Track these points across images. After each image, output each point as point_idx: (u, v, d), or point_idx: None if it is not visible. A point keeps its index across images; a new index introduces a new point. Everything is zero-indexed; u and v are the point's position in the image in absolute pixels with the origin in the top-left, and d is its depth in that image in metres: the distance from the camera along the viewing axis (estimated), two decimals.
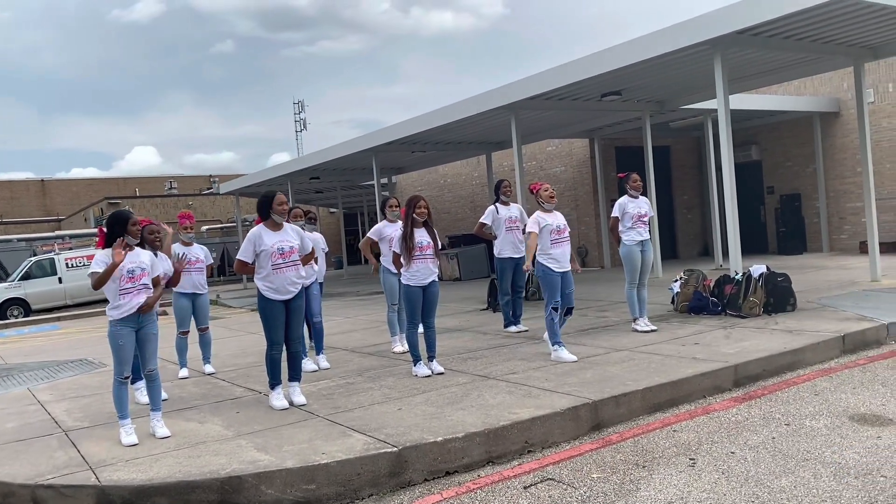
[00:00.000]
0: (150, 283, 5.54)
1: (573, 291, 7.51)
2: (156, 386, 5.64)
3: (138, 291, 5.45)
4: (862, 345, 7.32)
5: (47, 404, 7.17)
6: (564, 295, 7.34)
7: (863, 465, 4.20)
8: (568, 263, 7.36)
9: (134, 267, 5.47)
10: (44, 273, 22.78)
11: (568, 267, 7.36)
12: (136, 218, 5.60)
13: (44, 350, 12.43)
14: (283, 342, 6.18)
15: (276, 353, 6.15)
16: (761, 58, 11.34)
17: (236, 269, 6.23)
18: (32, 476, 4.76)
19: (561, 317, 7.35)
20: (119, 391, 5.47)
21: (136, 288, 5.44)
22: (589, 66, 11.22)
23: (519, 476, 4.53)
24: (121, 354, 5.42)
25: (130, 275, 5.42)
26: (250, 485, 4.39)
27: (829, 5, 8.47)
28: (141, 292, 5.47)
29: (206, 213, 39.29)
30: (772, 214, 19.08)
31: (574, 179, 19.85)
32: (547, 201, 7.54)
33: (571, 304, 7.48)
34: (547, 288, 7.34)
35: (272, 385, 6.17)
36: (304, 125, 51.22)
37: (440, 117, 14.73)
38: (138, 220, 5.64)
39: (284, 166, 22.16)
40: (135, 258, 5.51)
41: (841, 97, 17.42)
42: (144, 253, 5.68)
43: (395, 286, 8.14)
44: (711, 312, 9.17)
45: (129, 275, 5.42)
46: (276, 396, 6.12)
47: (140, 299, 5.44)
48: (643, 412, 5.63)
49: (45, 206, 47.70)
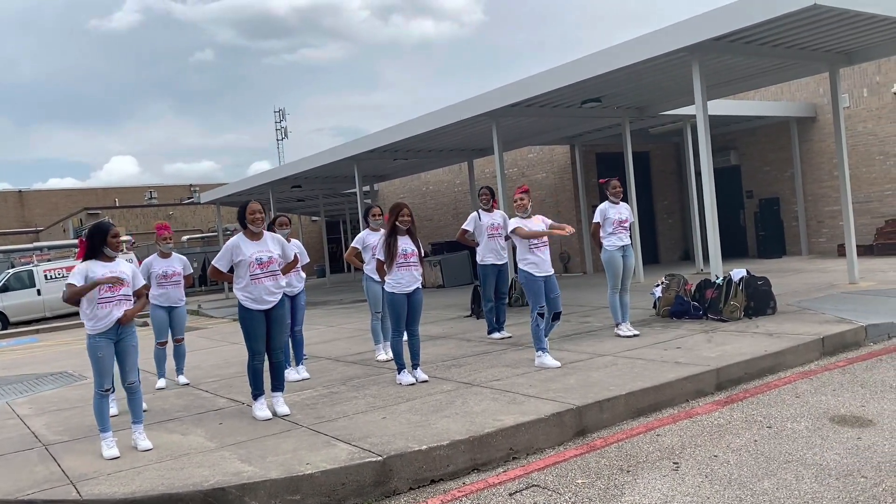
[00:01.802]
0: (129, 294, 5.49)
1: (559, 296, 7.46)
2: (136, 398, 5.55)
3: (118, 302, 5.39)
4: (841, 347, 7.40)
5: (27, 418, 7.08)
6: (550, 299, 7.31)
7: (844, 466, 4.25)
8: (549, 267, 7.36)
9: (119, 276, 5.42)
10: (22, 285, 22.52)
11: (550, 271, 7.36)
12: (115, 230, 5.55)
13: (23, 363, 12.27)
14: (265, 352, 6.15)
15: (258, 363, 6.13)
16: (739, 64, 11.47)
17: (210, 273, 6.23)
18: (12, 491, 4.69)
19: (548, 322, 7.33)
20: (100, 404, 5.41)
21: (115, 298, 5.38)
22: (569, 74, 11.29)
23: (504, 483, 4.53)
24: (100, 367, 5.36)
25: (110, 284, 5.38)
26: (234, 496, 4.36)
27: (804, 12, 8.59)
28: (121, 303, 5.42)
29: (187, 222, 39.04)
30: (751, 218, 19.28)
31: (555, 186, 19.95)
32: (518, 210, 7.59)
33: (558, 308, 7.42)
34: (530, 294, 7.33)
35: (254, 395, 6.15)
36: (286, 133, 51.09)
37: (422, 125, 14.75)
38: (118, 231, 5.59)
39: (266, 175, 22.07)
40: (115, 268, 5.45)
41: (817, 102, 17.65)
42: (125, 263, 5.62)
43: (378, 294, 8.15)
44: (693, 316, 9.24)
45: (109, 284, 5.37)
46: (258, 407, 6.09)
47: (119, 311, 5.39)
48: (627, 417, 5.65)
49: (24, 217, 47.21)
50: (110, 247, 5.43)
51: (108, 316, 5.33)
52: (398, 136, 15.55)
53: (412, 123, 15.07)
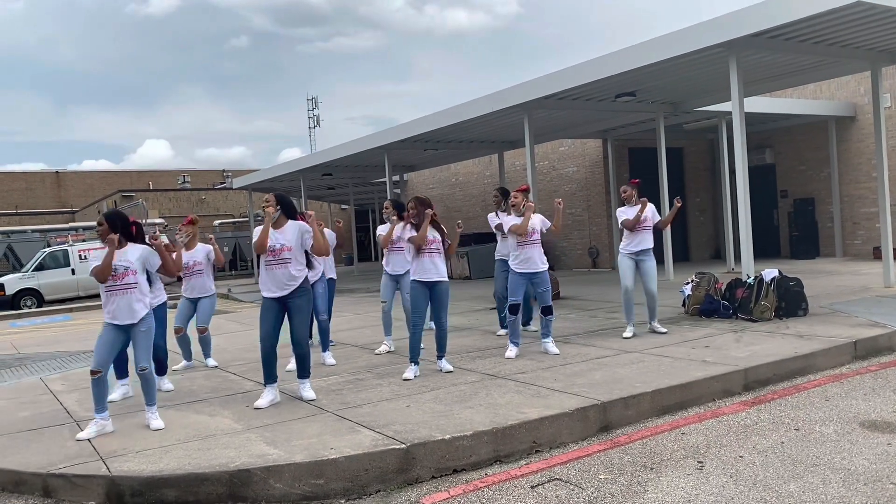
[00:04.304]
0: (135, 282, 5.47)
1: (549, 290, 7.66)
2: (149, 384, 5.56)
3: (123, 292, 5.42)
4: (874, 351, 7.28)
5: (59, 394, 7.24)
6: (540, 293, 7.55)
7: (872, 472, 4.18)
8: (537, 265, 7.51)
9: (118, 264, 5.42)
10: (57, 264, 22.96)
11: (538, 268, 7.51)
12: (101, 218, 5.57)
13: (56, 340, 12.54)
14: (270, 338, 6.00)
15: (264, 348, 6.02)
16: (777, 61, 11.28)
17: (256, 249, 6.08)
18: (44, 465, 4.80)
19: (543, 318, 7.60)
20: (93, 384, 5.44)
21: (118, 287, 5.41)
22: (604, 67, 11.19)
23: (526, 475, 4.53)
24: (97, 347, 5.47)
25: (113, 272, 5.40)
26: (259, 478, 4.42)
27: (846, 9, 8.41)
28: (128, 292, 5.42)
29: (219, 207, 39.43)
30: (785, 218, 18.99)
31: (586, 180, 19.81)
32: (513, 209, 7.69)
33: (548, 302, 7.61)
34: (509, 285, 7.60)
35: (264, 381, 6.10)
36: (318, 121, 51.17)
37: (453, 116, 14.72)
38: (100, 219, 5.56)
39: (297, 162, 22.20)
40: (121, 255, 5.46)
41: (857, 102, 17.30)
42: (134, 249, 5.58)
43: (386, 285, 8.37)
44: (722, 316, 9.14)
45: (112, 272, 5.39)
46: (264, 393, 6.07)
47: (123, 301, 5.41)
48: (652, 414, 5.62)
49: (60, 197, 48.05)
50: (99, 235, 5.49)
51: (113, 305, 5.41)
52: (429, 126, 15.54)
53: (444, 114, 15.05)
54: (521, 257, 7.50)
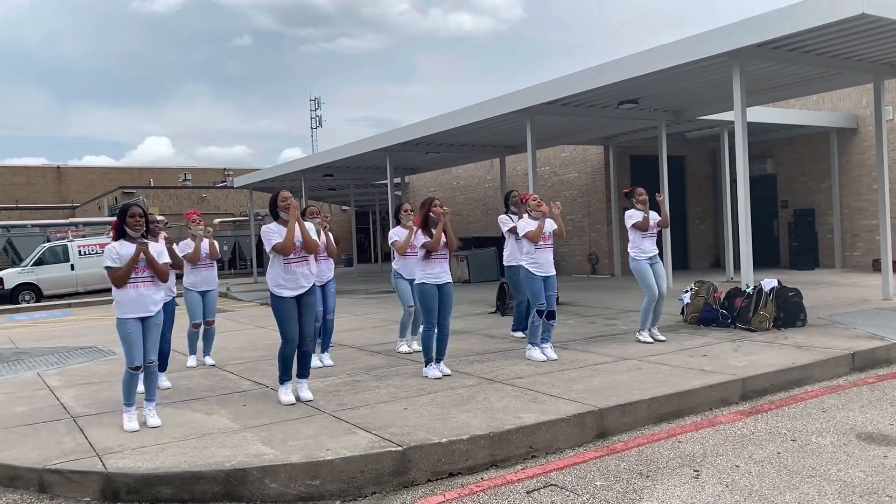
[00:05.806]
0: (150, 277, 5.51)
1: (556, 294, 7.74)
2: (153, 378, 5.64)
3: (143, 285, 5.46)
4: (872, 363, 7.28)
5: (56, 390, 7.24)
6: (547, 297, 7.58)
7: (868, 484, 4.18)
8: (551, 268, 7.61)
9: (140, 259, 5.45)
10: (56, 259, 22.96)
11: (551, 272, 7.61)
12: (135, 209, 5.56)
13: (54, 336, 12.53)
14: (297, 340, 6.09)
15: (289, 352, 6.09)
16: (780, 71, 11.29)
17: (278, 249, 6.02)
18: (40, 460, 4.80)
19: (545, 322, 7.59)
20: (129, 380, 5.50)
21: (136, 281, 5.44)
22: (607, 74, 11.20)
23: (522, 480, 4.53)
24: (129, 343, 5.45)
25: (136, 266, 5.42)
26: (255, 478, 4.42)
27: (850, 21, 8.43)
28: (148, 285, 5.48)
29: (220, 206, 39.43)
30: (785, 228, 18.99)
31: (587, 186, 19.82)
32: (535, 210, 7.69)
33: (553, 307, 7.65)
34: (530, 291, 7.61)
35: (281, 380, 6.17)
36: (320, 122, 51.16)
37: (455, 119, 14.73)
38: (137, 210, 5.57)
39: (298, 162, 22.21)
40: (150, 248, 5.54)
41: (859, 113, 17.32)
42: (153, 244, 5.67)
43: (406, 289, 8.26)
44: (721, 325, 9.14)
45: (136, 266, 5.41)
46: (283, 391, 6.14)
47: (147, 291, 5.45)
48: (649, 422, 5.62)
49: (60, 192, 48.05)
50: (129, 227, 5.48)
51: (131, 301, 5.40)
52: (431, 129, 15.55)
53: (446, 117, 15.06)
54: (539, 260, 7.56)
